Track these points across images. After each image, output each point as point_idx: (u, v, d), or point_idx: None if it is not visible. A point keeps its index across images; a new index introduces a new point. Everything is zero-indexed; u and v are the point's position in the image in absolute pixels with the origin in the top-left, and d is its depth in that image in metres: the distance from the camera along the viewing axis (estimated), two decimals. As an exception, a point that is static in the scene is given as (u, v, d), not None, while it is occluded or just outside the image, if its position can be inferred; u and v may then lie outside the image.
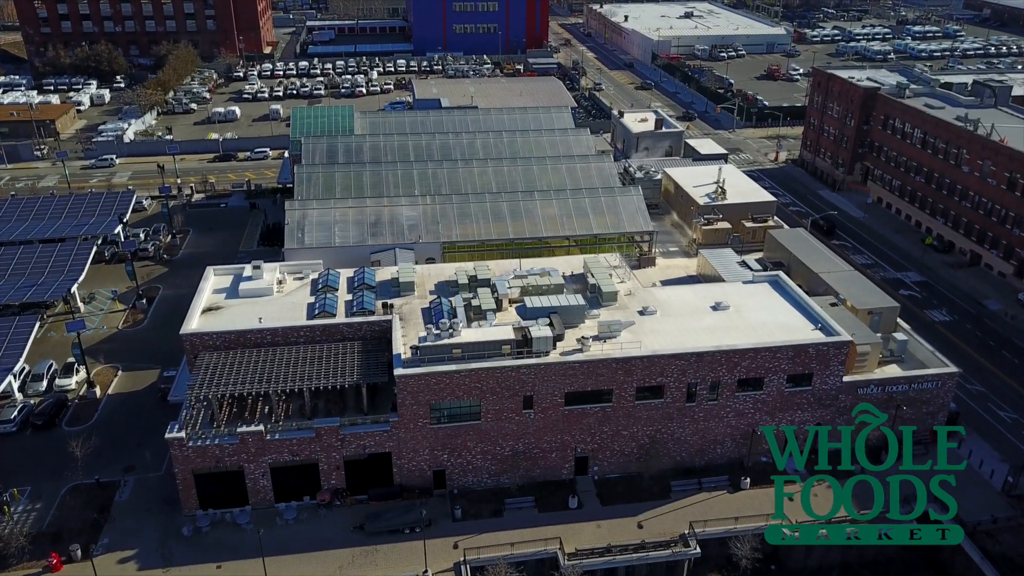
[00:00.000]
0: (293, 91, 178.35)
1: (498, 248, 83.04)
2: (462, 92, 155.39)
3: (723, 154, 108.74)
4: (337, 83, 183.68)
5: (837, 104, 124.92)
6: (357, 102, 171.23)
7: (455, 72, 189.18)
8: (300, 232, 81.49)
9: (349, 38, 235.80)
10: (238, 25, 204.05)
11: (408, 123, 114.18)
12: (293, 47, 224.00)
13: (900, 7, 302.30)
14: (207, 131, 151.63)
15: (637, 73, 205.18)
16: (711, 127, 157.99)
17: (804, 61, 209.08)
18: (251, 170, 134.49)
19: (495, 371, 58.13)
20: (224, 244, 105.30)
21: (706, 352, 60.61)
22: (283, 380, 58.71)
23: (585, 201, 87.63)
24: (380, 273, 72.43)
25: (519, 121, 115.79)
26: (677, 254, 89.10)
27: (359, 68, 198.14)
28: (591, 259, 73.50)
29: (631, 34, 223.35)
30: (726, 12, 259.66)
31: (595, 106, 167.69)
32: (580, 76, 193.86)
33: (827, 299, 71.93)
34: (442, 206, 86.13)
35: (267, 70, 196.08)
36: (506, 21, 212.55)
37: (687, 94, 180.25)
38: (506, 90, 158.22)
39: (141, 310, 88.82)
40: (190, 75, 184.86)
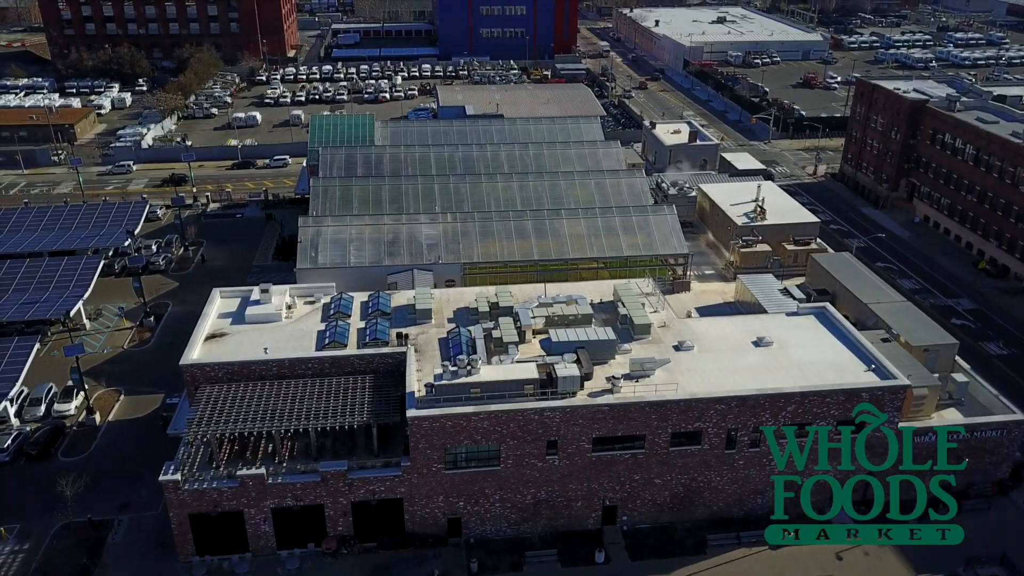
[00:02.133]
0: (315, 96, 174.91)
1: (522, 270, 78.23)
2: (487, 99, 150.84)
3: (761, 169, 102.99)
4: (360, 88, 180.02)
5: (881, 116, 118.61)
6: (380, 108, 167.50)
7: (480, 78, 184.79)
8: (313, 251, 77.19)
9: (374, 41, 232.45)
10: (262, 28, 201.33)
11: (431, 133, 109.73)
12: (317, 50, 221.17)
13: (940, 13, 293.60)
14: (226, 137, 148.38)
15: (667, 79, 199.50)
16: (745, 138, 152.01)
17: (842, 69, 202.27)
18: (269, 178, 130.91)
19: (517, 414, 53.25)
20: (239, 257, 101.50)
21: (749, 396, 55.28)
22: (288, 418, 54.25)
23: (615, 220, 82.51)
24: (396, 298, 67.88)
25: (546, 132, 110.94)
26: (713, 277, 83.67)
27: (383, 73, 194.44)
28: (622, 285, 68.39)
29: (662, 40, 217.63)
30: (760, 17, 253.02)
31: (625, 115, 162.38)
32: (609, 83, 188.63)
33: (878, 334, 66.29)
34: (463, 224, 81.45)
35: (290, 74, 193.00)
36: (534, 25, 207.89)
37: (720, 102, 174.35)
38: (533, 98, 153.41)
39: (148, 328, 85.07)
40: (212, 79, 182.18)
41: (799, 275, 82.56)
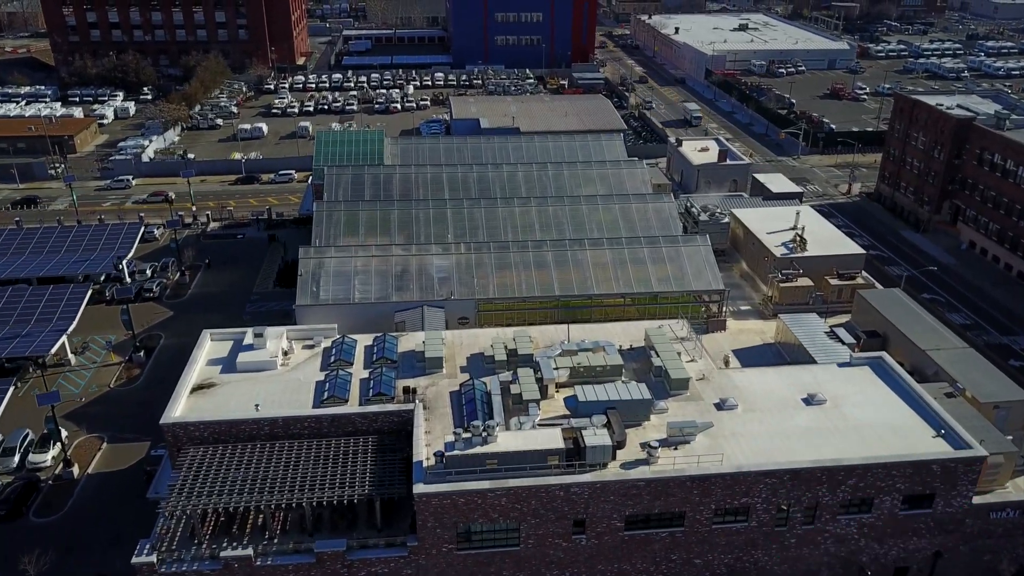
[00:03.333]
0: (324, 106, 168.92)
1: (541, 306, 71.68)
2: (503, 112, 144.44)
3: (797, 193, 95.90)
4: (371, 98, 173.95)
5: (923, 134, 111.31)
6: (391, 119, 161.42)
7: (495, 87, 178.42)
8: (315, 285, 70.84)
9: (386, 48, 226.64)
10: (271, 35, 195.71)
11: (443, 151, 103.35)
12: (328, 58, 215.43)
13: (968, 20, 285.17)
14: (231, 150, 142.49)
15: (689, 89, 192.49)
16: (773, 153, 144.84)
17: (870, 79, 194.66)
18: (274, 194, 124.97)
19: (539, 489, 46.62)
20: (238, 282, 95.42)
21: (803, 468, 48.43)
22: (280, 490, 47.84)
23: (643, 251, 75.79)
24: (404, 341, 61.41)
25: (566, 150, 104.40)
26: (750, 314, 76.77)
27: (395, 81, 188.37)
28: (654, 330, 61.64)
29: (683, 48, 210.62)
30: (783, 25, 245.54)
31: (645, 127, 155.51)
32: (629, 92, 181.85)
33: (940, 387, 59.29)
34: (478, 255, 74.91)
35: (299, 83, 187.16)
36: (551, 33, 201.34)
37: (744, 114, 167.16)
38: (550, 110, 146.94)
39: (138, 364, 78.98)
40: (218, 88, 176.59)
41: (844, 311, 75.72)
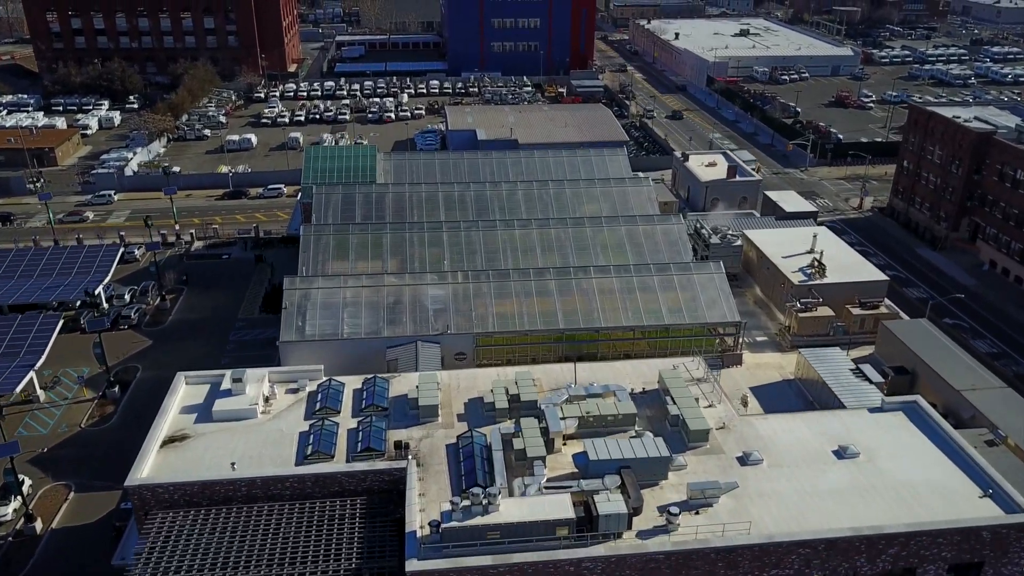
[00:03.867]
0: (316, 115, 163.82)
1: (544, 340, 66.76)
2: (500, 122, 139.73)
3: (811, 212, 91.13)
4: (364, 107, 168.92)
5: (940, 148, 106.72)
6: (385, 129, 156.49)
7: (492, 96, 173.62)
8: (300, 319, 65.78)
9: (380, 55, 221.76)
10: (261, 42, 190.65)
11: (439, 167, 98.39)
12: (320, 64, 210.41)
13: (971, 25, 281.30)
14: (218, 162, 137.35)
15: (690, 97, 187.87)
16: (779, 164, 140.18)
17: (875, 86, 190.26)
18: (262, 210, 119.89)
19: (547, 565, 41.63)
20: (222, 307, 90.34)
21: (840, 538, 43.53)
22: (258, 563, 42.83)
23: (653, 280, 70.88)
24: (396, 384, 56.41)
25: (567, 165, 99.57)
26: (766, 345, 71.93)
27: (388, 89, 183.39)
28: (668, 372, 56.73)
29: (683, 54, 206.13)
30: (784, 30, 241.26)
31: (647, 137, 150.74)
32: (629, 100, 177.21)
33: (980, 434, 54.71)
34: (476, 284, 69.92)
35: (290, 91, 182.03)
36: (548, 38, 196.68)
37: (749, 123, 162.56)
38: (549, 120, 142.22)
39: (112, 400, 73.82)
40: (207, 96, 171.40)
41: (867, 344, 71.02)
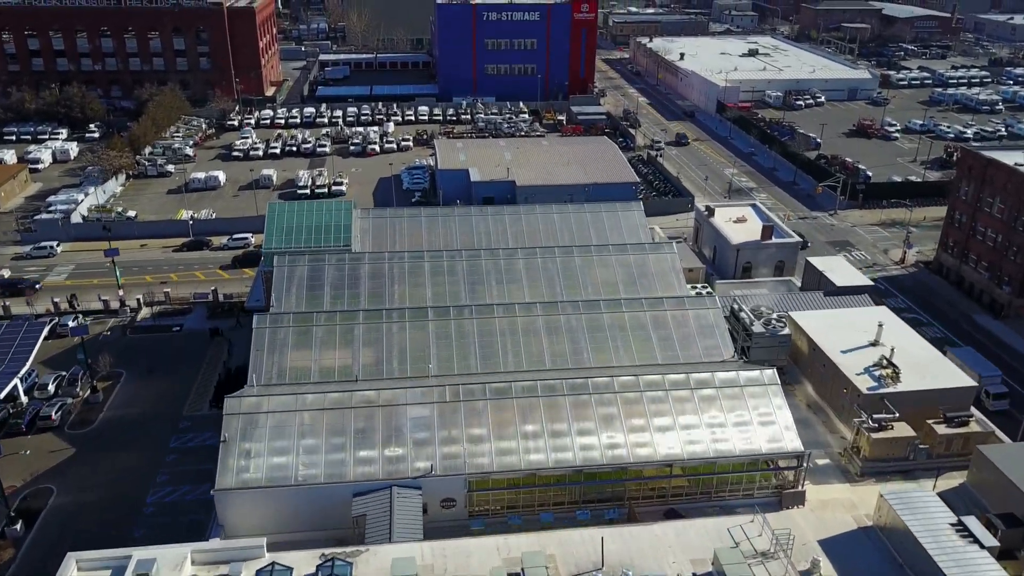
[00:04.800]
0: (293, 147, 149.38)
1: (558, 482, 52.45)
2: (495, 159, 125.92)
3: (866, 286, 77.15)
4: (346, 137, 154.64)
5: (1001, 200, 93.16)
6: (368, 164, 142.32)
7: (486, 125, 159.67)
8: (243, 456, 51.13)
9: (366, 75, 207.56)
10: (236, 64, 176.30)
11: (425, 227, 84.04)
12: (301, 87, 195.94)
13: (985, 43, 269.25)
14: (181, 204, 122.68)
15: (699, 124, 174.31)
16: (804, 206, 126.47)
17: (897, 112, 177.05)
18: (220, 264, 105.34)
19: None
20: (166, 399, 75.78)
21: None
22: None
23: (693, 397, 56.57)
24: (361, 566, 42.09)
25: (574, 224, 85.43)
26: (828, 471, 57.66)
27: (373, 116, 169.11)
28: (726, 551, 42.64)
29: (690, 76, 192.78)
30: (794, 49, 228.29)
31: (658, 175, 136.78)
32: (634, 128, 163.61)
33: None
34: (469, 401, 55.44)
35: (266, 118, 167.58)
36: (546, 61, 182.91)
37: (766, 156, 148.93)
38: (549, 157, 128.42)
39: (11, 540, 59.07)
40: (174, 125, 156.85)
41: (956, 469, 57.01)
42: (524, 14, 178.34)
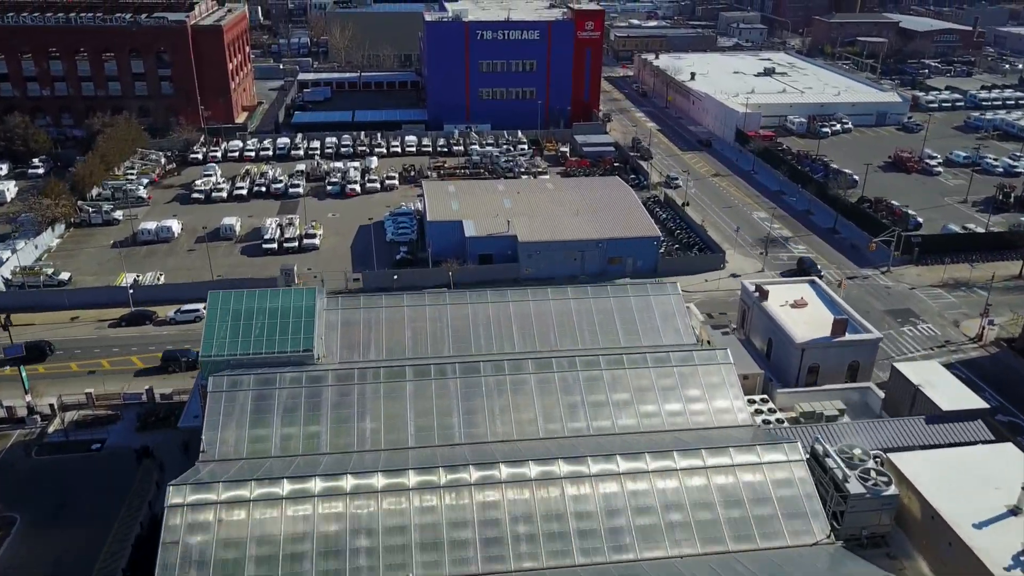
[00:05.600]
0: (262, 186, 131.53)
1: None
2: (493, 207, 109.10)
3: (982, 410, 59.86)
4: (323, 173, 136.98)
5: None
6: (348, 207, 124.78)
7: (481, 158, 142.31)
8: None
9: (349, 97, 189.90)
10: (202, 88, 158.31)
11: (408, 321, 66.33)
12: (276, 112, 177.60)
13: (1010, 58, 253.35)
14: (126, 263, 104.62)
15: (717, 155, 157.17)
16: (851, 261, 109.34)
17: (932, 141, 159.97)
18: (174, 340, 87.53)
19: None
20: (69, 560, 57.91)
21: None
22: None
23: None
24: None
25: (595, 313, 67.84)
26: None
27: (355, 147, 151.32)
28: None
29: (704, 100, 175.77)
30: (813, 67, 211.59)
31: (679, 221, 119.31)
32: (646, 160, 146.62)
33: None
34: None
35: (235, 149, 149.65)
36: (546, 84, 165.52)
37: (798, 196, 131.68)
38: (554, 204, 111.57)
39: None
40: (129, 160, 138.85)
41: None
42: (522, 33, 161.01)
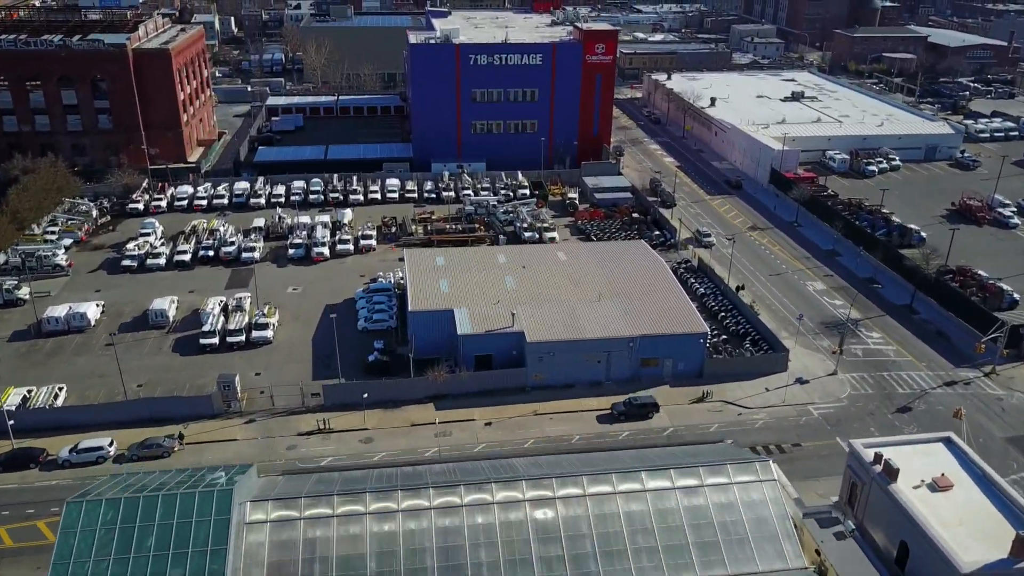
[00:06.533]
0: (208, 248, 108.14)
1: None
2: (491, 288, 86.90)
3: None
4: (286, 230, 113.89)
5: None
6: (313, 278, 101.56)
7: (476, 208, 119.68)
8: None
9: (324, 126, 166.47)
10: (147, 122, 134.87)
11: (373, 546, 43.36)
12: (237, 148, 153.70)
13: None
14: (23, 365, 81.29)
15: (752, 202, 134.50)
16: (943, 357, 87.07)
17: (993, 180, 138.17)
18: (68, 491, 64.18)
19: None
20: None
21: None
22: None
23: None
24: None
25: (652, 516, 45.32)
26: None
27: (327, 193, 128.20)
28: None
29: (730, 132, 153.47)
30: (844, 90, 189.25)
31: (720, 297, 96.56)
32: (668, 205, 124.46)
33: None
34: None
35: (183, 196, 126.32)
36: (549, 116, 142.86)
37: (859, 260, 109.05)
38: (569, 282, 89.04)
39: None
40: (49, 214, 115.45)
41: None
42: (522, 57, 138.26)
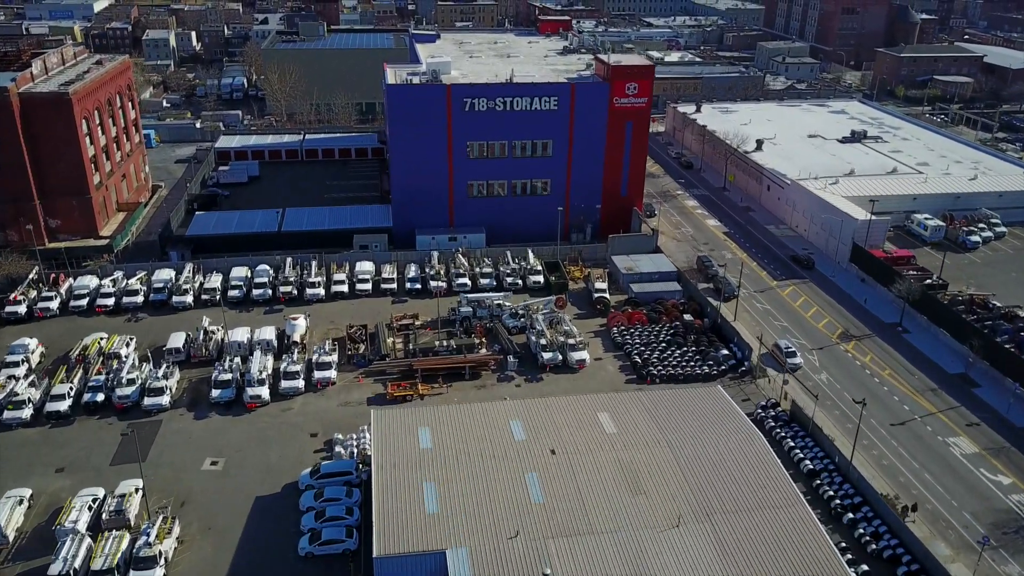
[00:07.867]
0: (99, 390, 76.55)
1: None
2: (506, 493, 55.51)
3: None
4: (212, 353, 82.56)
5: None
6: (243, 437, 69.60)
7: (472, 306, 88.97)
8: None
9: (285, 176, 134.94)
10: (44, 186, 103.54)
11: None
12: (169, 211, 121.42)
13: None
14: None
15: (828, 287, 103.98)
16: None
17: None
18: None
19: None
20: None
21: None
22: None
23: None
24: None
25: None
26: None
27: (277, 288, 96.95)
28: None
29: (789, 190, 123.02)
30: (910, 126, 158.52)
31: (837, 480, 65.91)
32: (725, 297, 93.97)
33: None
34: None
35: (83, 292, 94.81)
36: (567, 173, 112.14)
37: (1003, 395, 78.87)
38: (627, 486, 58.08)
39: None
40: None
41: None
42: (532, 100, 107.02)
